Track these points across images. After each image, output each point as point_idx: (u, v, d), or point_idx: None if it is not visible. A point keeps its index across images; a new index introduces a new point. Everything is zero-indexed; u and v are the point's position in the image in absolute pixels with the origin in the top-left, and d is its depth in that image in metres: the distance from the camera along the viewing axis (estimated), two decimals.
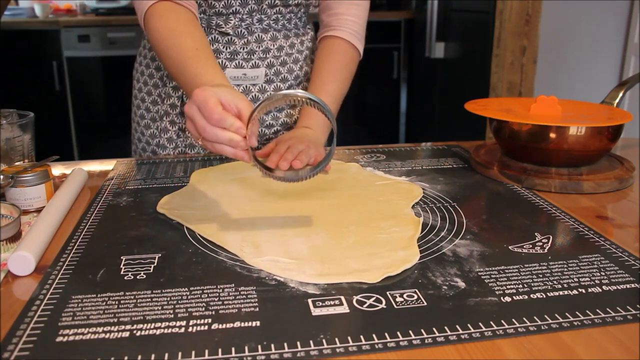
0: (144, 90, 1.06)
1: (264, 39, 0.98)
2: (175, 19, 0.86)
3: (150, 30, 0.87)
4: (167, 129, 1.03)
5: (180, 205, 0.73)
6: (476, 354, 0.44)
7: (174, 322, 0.48)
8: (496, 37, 2.46)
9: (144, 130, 1.05)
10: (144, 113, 1.06)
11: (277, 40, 1.00)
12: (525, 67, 2.47)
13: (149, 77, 1.05)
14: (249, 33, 0.97)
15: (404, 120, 3.52)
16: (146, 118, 1.05)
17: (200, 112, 0.64)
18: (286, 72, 1.02)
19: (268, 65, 1.00)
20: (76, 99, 3.02)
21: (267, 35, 0.99)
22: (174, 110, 1.02)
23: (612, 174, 0.82)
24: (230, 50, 0.97)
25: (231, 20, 0.96)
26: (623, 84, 0.97)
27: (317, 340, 0.45)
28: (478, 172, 0.88)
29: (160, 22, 0.86)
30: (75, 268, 0.58)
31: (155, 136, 1.04)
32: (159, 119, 1.04)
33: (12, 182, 0.71)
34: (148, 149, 1.06)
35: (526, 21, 2.40)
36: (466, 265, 0.58)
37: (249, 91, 1.00)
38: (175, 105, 1.02)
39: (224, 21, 0.96)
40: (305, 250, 0.60)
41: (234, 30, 0.96)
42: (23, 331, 0.47)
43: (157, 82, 1.04)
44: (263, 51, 0.99)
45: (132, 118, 1.09)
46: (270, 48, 0.99)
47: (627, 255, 0.60)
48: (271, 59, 1.00)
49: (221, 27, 0.96)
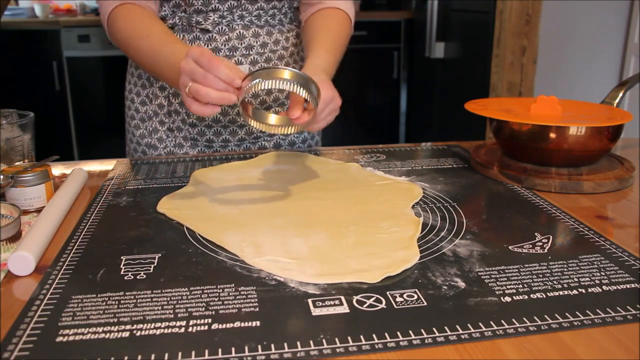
0: (133, 91, 1.06)
1: (246, 36, 0.98)
2: (140, 17, 0.91)
3: (116, 30, 0.93)
4: (156, 129, 1.03)
5: (180, 205, 0.73)
6: (476, 354, 0.44)
7: (174, 322, 0.48)
8: (496, 37, 2.46)
9: (134, 131, 1.06)
10: (134, 114, 1.06)
11: (259, 37, 0.99)
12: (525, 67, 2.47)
13: (138, 78, 1.05)
14: (229, 30, 0.97)
15: (404, 120, 3.52)
16: (136, 119, 1.05)
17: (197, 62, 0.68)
18: None
19: (252, 62, 0.99)
20: (76, 99, 3.02)
21: (248, 31, 0.98)
22: (162, 110, 1.02)
23: (612, 174, 0.82)
24: (212, 47, 0.97)
25: (210, 16, 0.96)
26: (623, 84, 0.97)
27: (317, 340, 0.45)
28: (478, 172, 0.88)
29: (125, 21, 0.92)
30: (75, 268, 0.58)
31: (145, 136, 1.04)
32: (147, 119, 1.04)
33: (12, 182, 0.71)
34: (139, 149, 1.06)
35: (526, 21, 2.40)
36: (466, 265, 0.58)
37: None
38: (162, 105, 1.02)
39: (204, 18, 0.96)
40: (305, 250, 0.60)
41: (214, 27, 0.96)
42: (23, 331, 0.47)
43: (144, 83, 1.04)
44: (245, 47, 0.98)
45: (125, 119, 1.10)
46: (253, 45, 0.98)
47: (627, 255, 0.60)
48: (254, 56, 0.99)
49: (201, 24, 0.96)
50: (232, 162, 0.91)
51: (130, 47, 0.92)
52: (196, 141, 1.03)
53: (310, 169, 0.88)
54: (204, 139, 1.02)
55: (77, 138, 3.08)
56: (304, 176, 0.85)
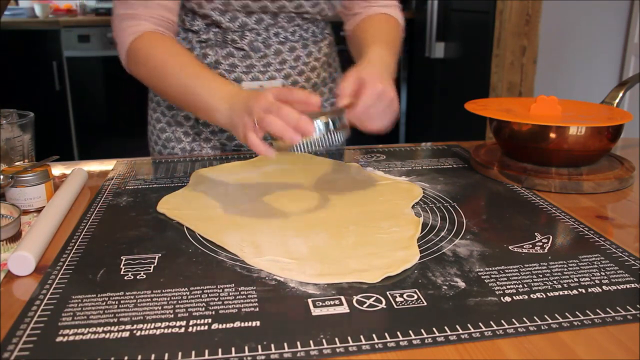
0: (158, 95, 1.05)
1: (282, 51, 0.96)
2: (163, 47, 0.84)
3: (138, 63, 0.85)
4: (180, 139, 1.02)
5: (180, 205, 0.73)
6: (476, 354, 0.44)
7: (174, 322, 0.48)
8: (496, 37, 2.46)
9: (160, 134, 1.05)
10: (159, 117, 1.05)
11: (294, 51, 0.97)
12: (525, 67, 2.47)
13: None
14: (265, 47, 0.95)
15: (404, 120, 3.51)
16: (162, 122, 1.05)
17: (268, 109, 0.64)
18: (304, 81, 1.00)
19: (285, 76, 0.97)
20: (76, 99, 3.02)
21: (284, 47, 0.96)
22: (188, 122, 1.01)
23: (612, 174, 0.82)
24: (247, 64, 0.95)
25: (247, 36, 0.93)
26: (623, 84, 0.97)
27: (317, 340, 0.45)
28: (478, 172, 0.88)
29: (147, 52, 0.83)
30: (75, 268, 0.58)
31: (171, 140, 1.03)
32: (174, 124, 1.03)
33: (12, 182, 0.71)
34: (164, 152, 1.05)
35: (526, 21, 2.40)
36: (466, 265, 0.58)
37: None
38: (189, 117, 1.01)
39: (240, 36, 0.93)
40: (305, 250, 0.60)
41: (249, 46, 0.94)
42: (23, 331, 0.47)
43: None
44: (280, 62, 0.96)
45: (148, 121, 1.08)
46: (287, 59, 0.97)
47: (627, 255, 0.60)
48: (288, 70, 0.97)
49: (236, 42, 0.94)
50: (232, 162, 0.91)
51: (156, 81, 0.84)
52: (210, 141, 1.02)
53: (310, 169, 0.88)
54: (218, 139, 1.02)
55: (77, 138, 3.08)
56: (304, 176, 0.85)
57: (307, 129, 0.62)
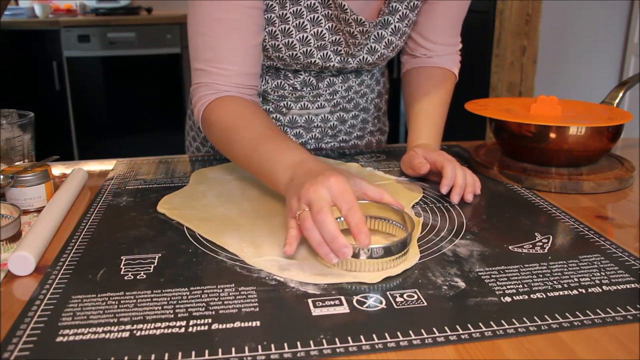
0: None
1: (335, 83, 0.94)
2: (240, 107, 0.77)
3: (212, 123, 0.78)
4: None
5: (180, 205, 0.73)
6: (476, 354, 0.44)
7: (174, 322, 0.48)
8: (496, 37, 2.46)
9: (199, 132, 1.04)
10: (195, 135, 1.06)
11: (347, 82, 0.95)
12: (525, 67, 2.47)
13: None
14: (317, 80, 0.92)
15: (404, 120, 3.51)
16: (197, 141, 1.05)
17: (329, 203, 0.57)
18: (352, 107, 0.99)
19: (334, 104, 0.96)
20: (76, 99, 3.02)
21: (337, 79, 0.93)
22: None
23: (612, 174, 0.82)
24: (296, 95, 0.93)
25: (300, 75, 0.91)
26: (623, 84, 0.97)
27: (317, 340, 0.45)
28: (478, 172, 0.88)
29: (223, 111, 0.77)
30: (75, 268, 0.58)
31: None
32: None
33: (12, 182, 0.71)
34: (202, 150, 1.06)
35: (526, 21, 2.40)
36: (466, 265, 0.58)
37: (311, 121, 0.97)
38: None
39: (293, 74, 0.91)
40: (305, 250, 0.60)
41: (302, 83, 0.91)
42: (23, 331, 0.47)
43: None
44: (330, 93, 0.95)
45: (189, 115, 1.08)
46: (339, 90, 0.95)
47: (627, 255, 0.60)
48: (338, 99, 0.96)
49: (289, 78, 0.91)
50: (232, 162, 0.91)
51: (226, 141, 0.76)
52: None
53: None
54: None
55: (77, 138, 3.08)
56: None
57: (342, 253, 0.53)
